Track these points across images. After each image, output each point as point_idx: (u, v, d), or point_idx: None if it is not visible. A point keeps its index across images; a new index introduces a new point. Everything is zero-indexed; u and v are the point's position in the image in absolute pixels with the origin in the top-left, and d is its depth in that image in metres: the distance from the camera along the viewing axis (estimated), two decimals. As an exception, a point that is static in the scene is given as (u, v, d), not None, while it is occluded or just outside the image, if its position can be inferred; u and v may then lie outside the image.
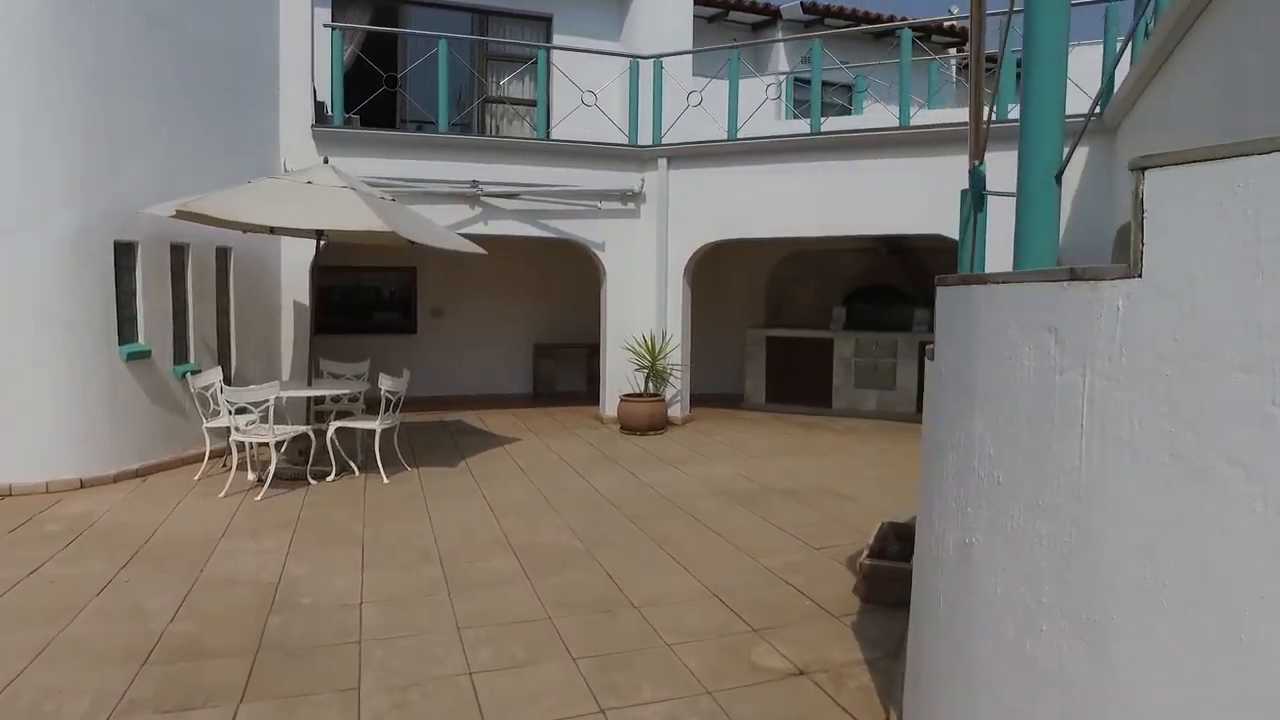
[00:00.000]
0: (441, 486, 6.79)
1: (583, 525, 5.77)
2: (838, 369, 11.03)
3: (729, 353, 12.36)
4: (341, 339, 11.05)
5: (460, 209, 9.22)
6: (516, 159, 9.41)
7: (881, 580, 4.35)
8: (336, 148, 8.38)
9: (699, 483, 7.12)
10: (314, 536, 5.37)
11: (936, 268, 10.48)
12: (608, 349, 10.17)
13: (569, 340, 12.50)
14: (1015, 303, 2.19)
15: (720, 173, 9.75)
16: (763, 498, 6.62)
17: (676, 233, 9.98)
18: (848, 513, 6.19)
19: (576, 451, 8.39)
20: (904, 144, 8.87)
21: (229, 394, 6.17)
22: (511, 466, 7.62)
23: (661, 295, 10.10)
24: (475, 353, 12.04)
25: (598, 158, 9.78)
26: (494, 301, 12.07)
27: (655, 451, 8.46)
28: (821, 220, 9.33)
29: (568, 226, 9.77)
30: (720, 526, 5.78)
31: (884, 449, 8.71)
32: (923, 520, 2.98)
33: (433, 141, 9.03)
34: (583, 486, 6.93)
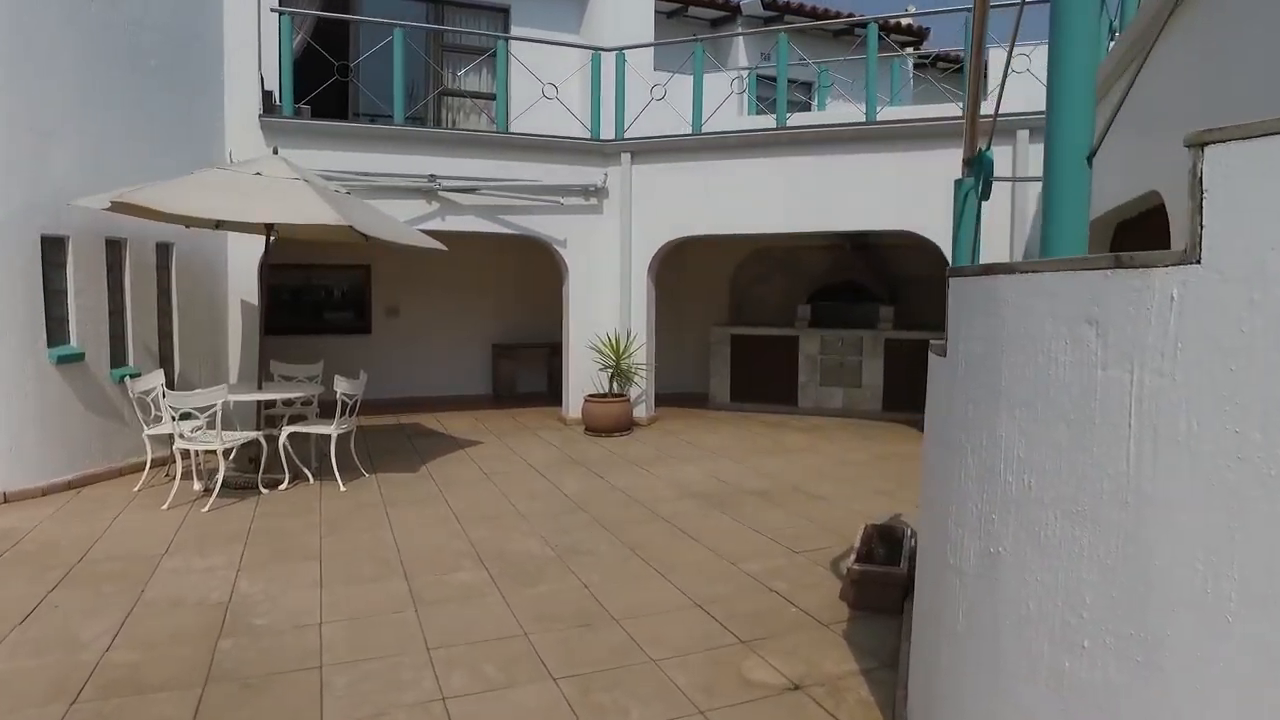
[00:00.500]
0: (402, 493, 6.48)
1: (553, 532, 5.52)
2: (803, 367, 10.94)
3: (692, 351, 12.20)
4: (293, 340, 10.61)
5: (417, 204, 8.88)
6: (475, 153, 9.10)
7: (871, 585, 4.19)
8: (286, 139, 7.99)
9: (669, 485, 6.92)
10: (267, 550, 5.02)
11: (901, 265, 10.48)
12: (571, 348, 9.92)
13: (529, 340, 12.21)
14: (1049, 293, 2.02)
15: (685, 168, 9.57)
16: (736, 500, 6.44)
17: (640, 229, 9.77)
18: (823, 514, 6.04)
19: (541, 454, 8.13)
20: (871, 139, 8.80)
21: (172, 399, 5.77)
22: (475, 471, 7.33)
23: (625, 293, 9.89)
24: (432, 353, 11.67)
25: (559, 152, 9.53)
26: (451, 300, 11.72)
27: (622, 453, 8.23)
28: (789, 216, 9.22)
29: (529, 223, 9.49)
30: (696, 531, 5.58)
31: (852, 447, 8.62)
32: (931, 526, 2.81)
33: (388, 134, 8.68)
34: (550, 491, 6.67)
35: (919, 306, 11.20)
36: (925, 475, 3.08)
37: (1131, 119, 6.70)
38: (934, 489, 2.80)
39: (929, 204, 8.62)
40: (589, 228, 9.81)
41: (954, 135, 8.49)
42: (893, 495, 6.60)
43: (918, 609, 3.25)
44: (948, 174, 8.64)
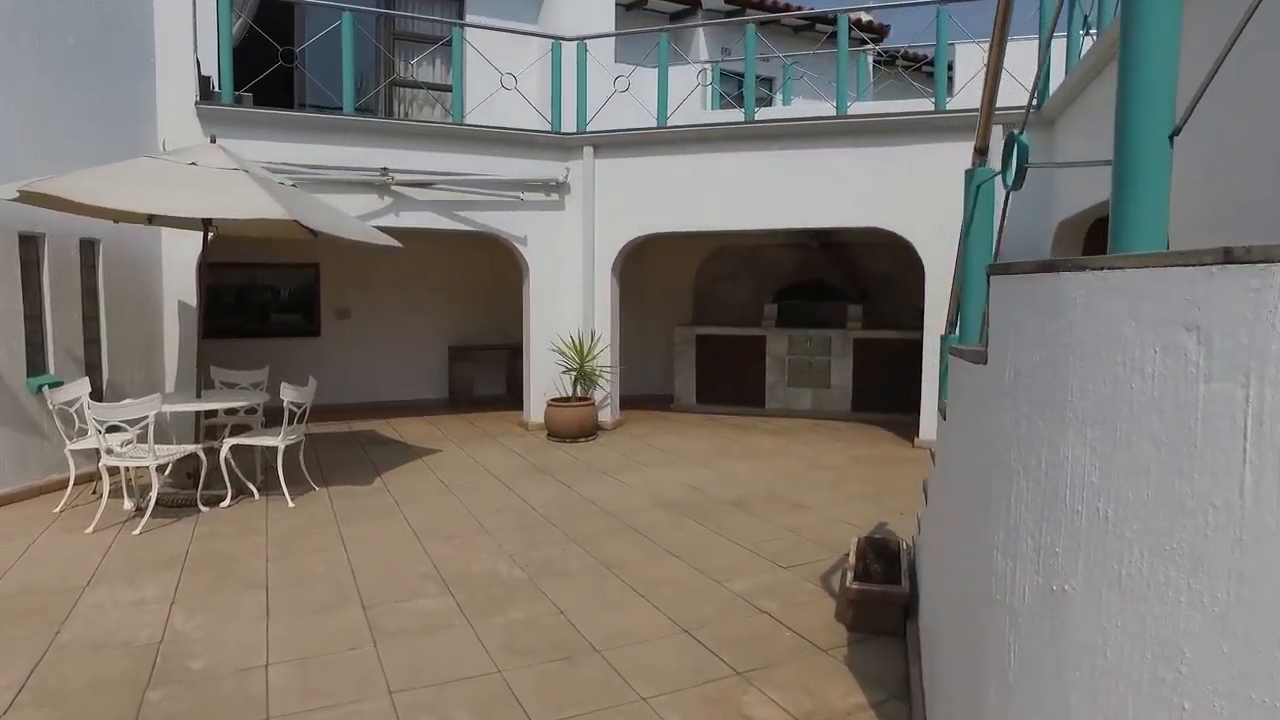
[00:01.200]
0: (356, 508, 6.02)
1: (522, 550, 5.14)
2: (771, 368, 10.70)
3: (656, 352, 11.88)
4: (236, 343, 10.03)
5: (369, 199, 8.39)
6: (431, 146, 8.64)
7: (871, 606, 3.91)
8: (225, 128, 7.45)
9: (641, 494, 6.58)
10: (206, 578, 4.55)
11: (869, 263, 10.27)
12: (532, 350, 9.51)
13: (488, 341, 11.76)
14: (1134, 293, 1.73)
15: (650, 162, 9.24)
16: (712, 509, 6.13)
17: (604, 226, 9.42)
18: (805, 523, 5.76)
19: (504, 462, 7.72)
20: (842, 134, 8.57)
21: (97, 410, 5.23)
22: (434, 482, 6.90)
23: (589, 292, 9.52)
24: (385, 356, 11.15)
25: (519, 145, 9.11)
26: (405, 300, 11.21)
27: (588, 460, 7.87)
28: (758, 213, 8.95)
29: (487, 219, 9.06)
30: (674, 545, 5.25)
31: (824, 450, 8.38)
32: (960, 553, 2.51)
33: (337, 124, 8.17)
34: (516, 503, 6.28)
35: (888, 305, 11.05)
36: (943, 492, 2.80)
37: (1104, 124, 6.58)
38: (965, 511, 2.51)
39: (901, 200, 8.44)
40: (550, 224, 9.42)
41: (926, 131, 8.33)
42: (874, 501, 6.36)
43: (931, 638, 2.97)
44: (920, 170, 8.52)
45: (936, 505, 3.30)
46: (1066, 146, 7.48)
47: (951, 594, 2.74)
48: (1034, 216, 8.01)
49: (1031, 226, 8.01)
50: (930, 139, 8.30)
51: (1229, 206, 4.14)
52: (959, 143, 8.20)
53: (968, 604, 2.45)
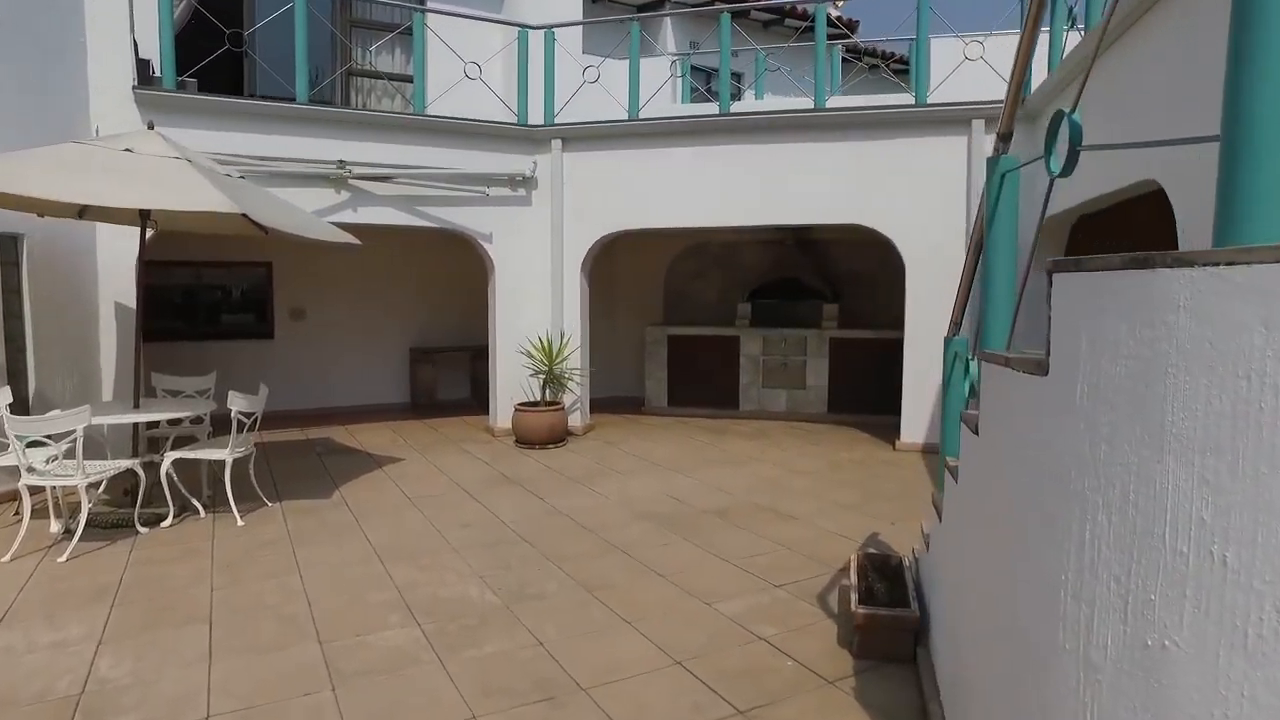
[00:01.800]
0: (312, 526, 5.58)
1: (494, 571, 4.75)
2: (745, 368, 10.42)
3: (627, 353, 11.55)
4: (180, 347, 9.49)
5: (324, 193, 7.90)
6: (390, 137, 8.18)
7: (879, 632, 3.60)
8: (166, 115, 6.92)
9: (618, 505, 6.23)
10: (141, 611, 4.08)
11: (845, 261, 10.01)
12: (498, 352, 9.10)
13: (451, 343, 11.30)
14: (1262, 293, 1.44)
15: (621, 156, 8.88)
16: (694, 521, 5.80)
17: (573, 222, 9.04)
18: (793, 535, 5.46)
19: (470, 472, 7.30)
20: (821, 128, 8.29)
21: (15, 425, 4.71)
22: (396, 495, 6.46)
23: (557, 292, 9.13)
24: (343, 359, 10.64)
25: (483, 138, 8.69)
26: (364, 300, 10.71)
27: (560, 468, 7.49)
28: (734, 209, 8.64)
29: (450, 215, 8.62)
30: (658, 563, 4.91)
31: (803, 454, 8.11)
32: (1022, 589, 2.20)
33: (289, 113, 7.67)
34: (485, 518, 5.88)
35: (863, 304, 10.83)
36: (973, 514, 2.48)
37: (1108, 104, 6.38)
38: (1010, 540, 2.20)
39: (881, 197, 8.20)
40: (517, 220, 9.02)
41: (906, 125, 8.10)
42: (861, 510, 6.09)
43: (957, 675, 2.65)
44: (900, 166, 8.27)
45: (959, 526, 3.00)
46: (1050, 141, 7.28)
47: (989, 631, 2.43)
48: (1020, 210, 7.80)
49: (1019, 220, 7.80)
50: (910, 133, 8.07)
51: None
52: (940, 137, 8.00)
53: (1021, 648, 2.14)
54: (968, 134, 7.89)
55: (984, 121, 7.83)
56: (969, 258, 3.91)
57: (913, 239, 8.14)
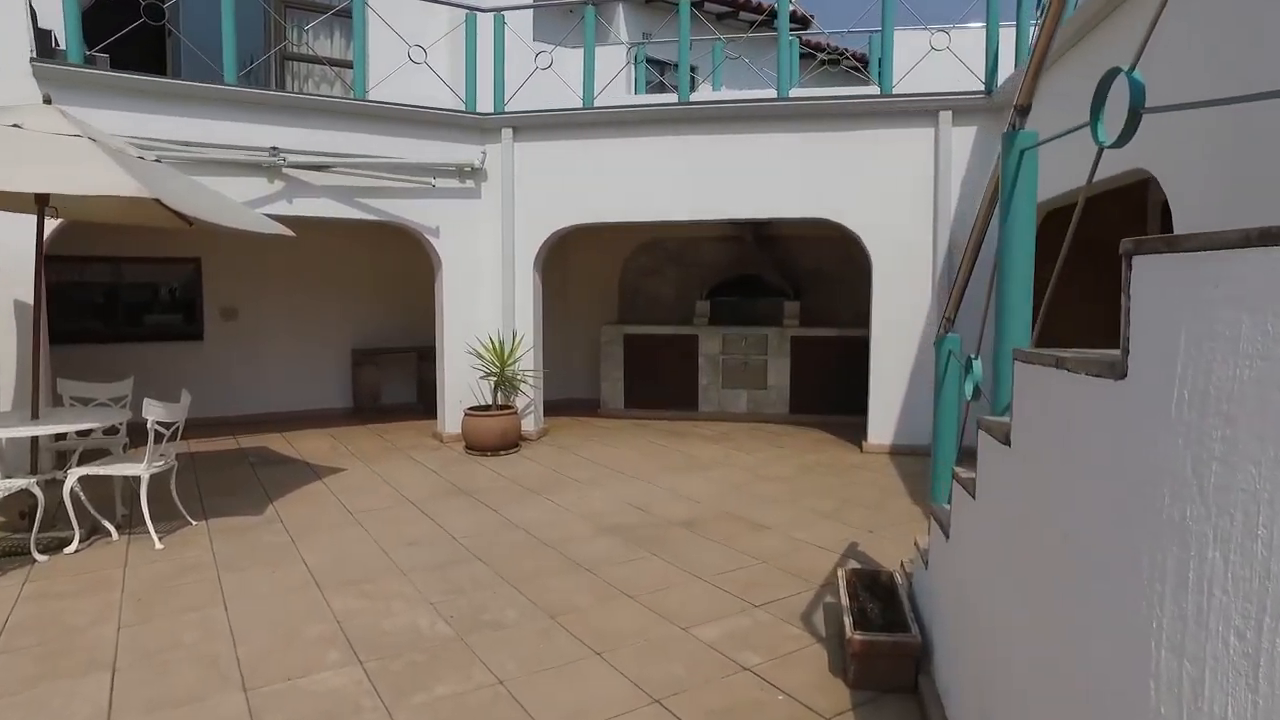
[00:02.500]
0: (242, 548, 5.03)
1: (446, 596, 4.29)
2: (704, 368, 10.08)
3: (581, 353, 11.12)
4: (97, 350, 8.78)
5: (255, 183, 7.30)
6: (328, 124, 7.62)
7: (879, 659, 3.26)
8: (72, 92, 6.28)
9: (579, 517, 5.81)
10: (31, 660, 3.53)
11: (804, 257, 9.72)
12: (446, 354, 8.59)
13: (396, 344, 10.73)
14: None
15: (576, 147, 8.45)
16: (662, 534, 5.42)
17: (525, 216, 8.58)
18: (768, 548, 5.12)
19: (418, 483, 6.80)
20: (784, 118, 7.99)
21: (-111, 441, 4.10)
22: (337, 510, 5.94)
23: (509, 289, 8.67)
24: (280, 361, 9.99)
25: (429, 126, 8.18)
26: (302, 298, 10.07)
27: (515, 477, 7.04)
28: (694, 203, 8.29)
29: (393, 207, 8.09)
30: (626, 582, 4.51)
31: (769, 458, 7.79)
32: (1086, 633, 1.86)
33: (216, 95, 7.05)
34: (434, 534, 5.41)
35: (825, 302, 10.59)
36: (1000, 538, 2.15)
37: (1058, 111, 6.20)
38: (1068, 574, 1.86)
39: (846, 190, 7.93)
40: (465, 214, 8.52)
41: (872, 116, 7.84)
42: (837, 518, 5.78)
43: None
44: (866, 159, 7.99)
45: (977, 548, 2.67)
46: (1020, 133, 7.09)
47: (1033, 675, 2.09)
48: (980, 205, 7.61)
49: (980, 218, 7.60)
50: (876, 125, 7.82)
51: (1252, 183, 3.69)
52: (907, 129, 7.76)
53: (1089, 705, 1.80)
54: (935, 126, 7.67)
55: (951, 113, 7.61)
56: (968, 250, 3.60)
57: (879, 234, 7.89)
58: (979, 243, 3.53)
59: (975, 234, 3.49)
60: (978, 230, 3.46)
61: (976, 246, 3.54)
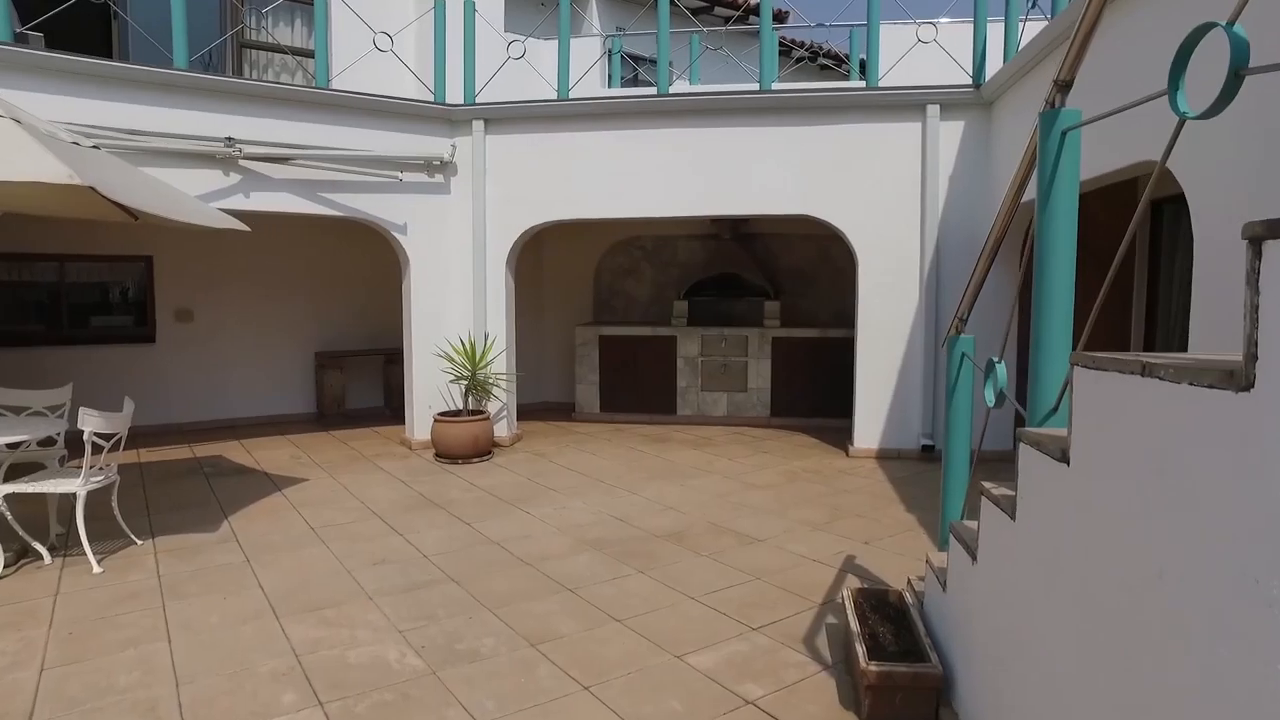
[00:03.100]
0: (192, 570, 4.62)
1: (416, 623, 3.93)
2: (682, 370, 9.77)
3: (554, 355, 10.77)
4: (38, 354, 8.24)
5: (210, 175, 6.85)
6: (288, 113, 7.18)
7: (896, 692, 2.97)
8: (3, 76, 5.80)
9: (559, 531, 5.46)
10: (-57, 705, 3.11)
11: (783, 256, 9.42)
12: (414, 357, 8.18)
13: (362, 346, 10.29)
14: None
15: (550, 140, 8.10)
16: (647, 548, 5.09)
17: (497, 212, 8.21)
18: (763, 563, 4.81)
19: (385, 494, 6.40)
20: (767, 111, 7.70)
21: None
22: (297, 525, 5.53)
23: (480, 289, 8.28)
24: (239, 365, 9.50)
25: (395, 117, 7.77)
26: (262, 299, 9.59)
27: (489, 487, 6.67)
28: (675, 199, 7.97)
29: (358, 202, 7.67)
30: (612, 604, 4.18)
31: (754, 465, 7.50)
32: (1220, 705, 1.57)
33: (166, 80, 6.59)
34: (404, 551, 5.03)
35: (803, 301, 10.34)
36: (1053, 567, 1.86)
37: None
38: (1175, 623, 1.56)
39: (832, 186, 7.68)
40: (434, 210, 8.13)
41: (859, 110, 7.59)
42: (830, 529, 5.49)
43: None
44: (851, 154, 7.72)
45: (1018, 575, 2.38)
46: (1008, 130, 6.89)
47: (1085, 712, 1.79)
48: (974, 200, 7.41)
49: (973, 211, 7.41)
50: (862, 119, 7.57)
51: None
52: (893, 124, 7.54)
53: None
54: (922, 120, 7.43)
55: (939, 107, 7.38)
56: (989, 243, 3.32)
57: (865, 231, 7.64)
58: (1001, 236, 3.25)
59: (999, 225, 3.21)
60: (1001, 221, 3.18)
61: (998, 240, 3.25)
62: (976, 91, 7.26)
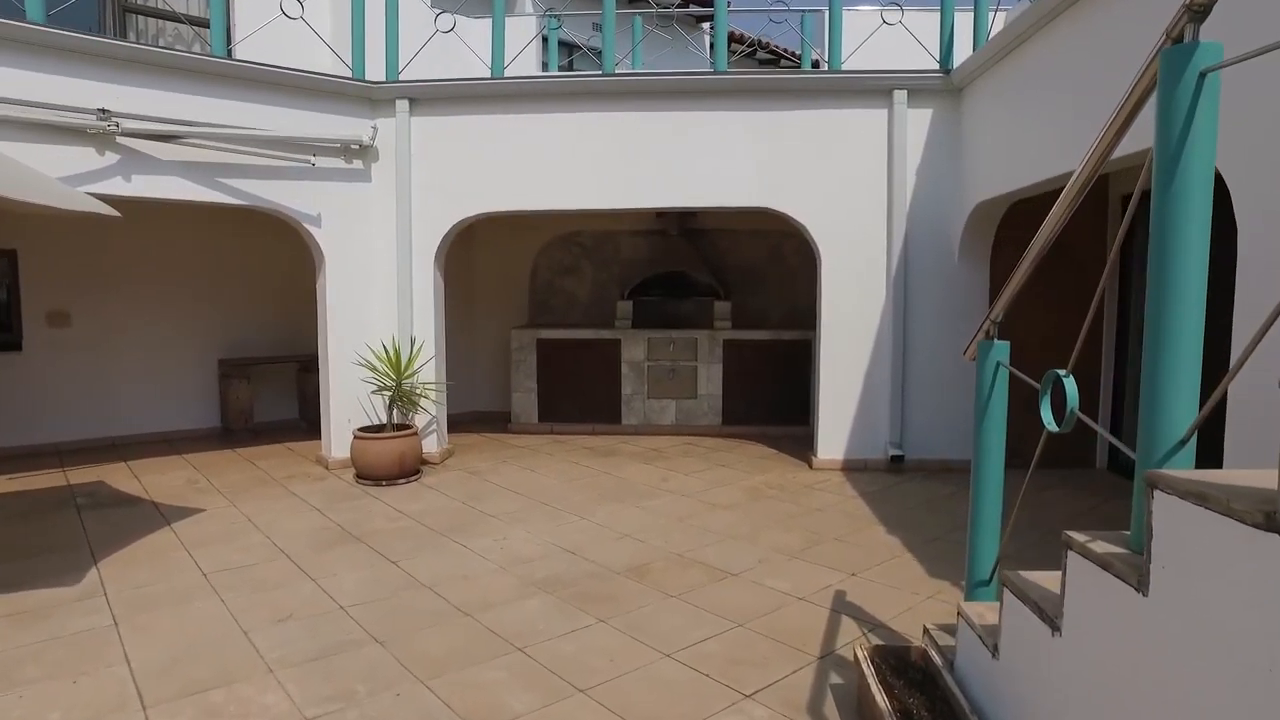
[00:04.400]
0: (36, 643, 3.69)
1: (331, 707, 3.12)
2: (627, 376, 9.08)
3: (487, 360, 9.95)
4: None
5: (78, 153, 5.81)
6: (179, 85, 6.19)
7: (953, 802, 2.34)
8: None
9: (501, 568, 4.70)
10: None
11: (734, 253, 8.75)
12: (331, 365, 7.27)
13: (274, 352, 9.27)
14: None
15: (484, 124, 7.30)
16: (607, 589, 4.38)
17: (424, 203, 7.36)
18: (741, 604, 4.16)
19: (296, 526, 5.52)
20: (723, 94, 7.07)
21: None
22: (186, 571, 4.62)
23: (405, 288, 7.42)
24: (128, 375, 8.38)
25: (307, 94, 6.85)
26: (155, 300, 8.50)
27: (418, 514, 5.84)
28: (621, 189, 7.27)
29: (263, 189, 6.72)
30: (572, 667, 3.45)
31: (713, 481, 6.86)
32: None
33: (19, 36, 5.53)
34: (316, 602, 4.19)
35: (755, 301, 9.78)
36: (1163, 634, 1.30)
37: (1018, 98, 5.52)
38: None
39: (793, 177, 7.11)
40: (353, 199, 7.23)
41: (822, 95, 7.04)
42: (809, 557, 4.88)
43: None
44: (814, 141, 7.09)
45: (1147, 665, 1.77)
46: (981, 119, 6.43)
47: None
48: (943, 191, 6.94)
49: (942, 203, 6.95)
50: (824, 104, 7.01)
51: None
52: (858, 109, 7.02)
53: None
54: (889, 107, 6.92)
55: (906, 93, 6.88)
56: (1047, 228, 2.72)
57: (828, 225, 7.09)
58: (1066, 221, 2.65)
59: (1064, 207, 2.60)
60: (1068, 202, 2.58)
61: (1062, 223, 2.65)
62: (946, 77, 6.79)
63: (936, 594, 4.28)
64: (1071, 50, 4.88)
